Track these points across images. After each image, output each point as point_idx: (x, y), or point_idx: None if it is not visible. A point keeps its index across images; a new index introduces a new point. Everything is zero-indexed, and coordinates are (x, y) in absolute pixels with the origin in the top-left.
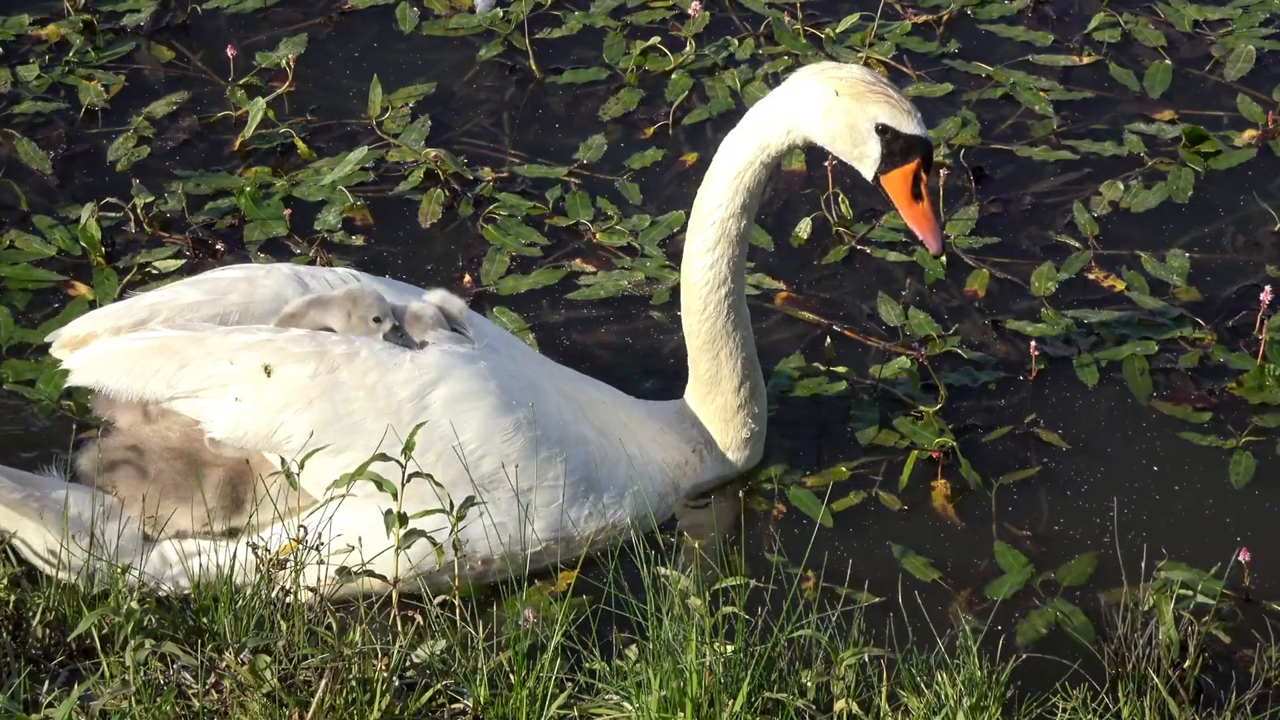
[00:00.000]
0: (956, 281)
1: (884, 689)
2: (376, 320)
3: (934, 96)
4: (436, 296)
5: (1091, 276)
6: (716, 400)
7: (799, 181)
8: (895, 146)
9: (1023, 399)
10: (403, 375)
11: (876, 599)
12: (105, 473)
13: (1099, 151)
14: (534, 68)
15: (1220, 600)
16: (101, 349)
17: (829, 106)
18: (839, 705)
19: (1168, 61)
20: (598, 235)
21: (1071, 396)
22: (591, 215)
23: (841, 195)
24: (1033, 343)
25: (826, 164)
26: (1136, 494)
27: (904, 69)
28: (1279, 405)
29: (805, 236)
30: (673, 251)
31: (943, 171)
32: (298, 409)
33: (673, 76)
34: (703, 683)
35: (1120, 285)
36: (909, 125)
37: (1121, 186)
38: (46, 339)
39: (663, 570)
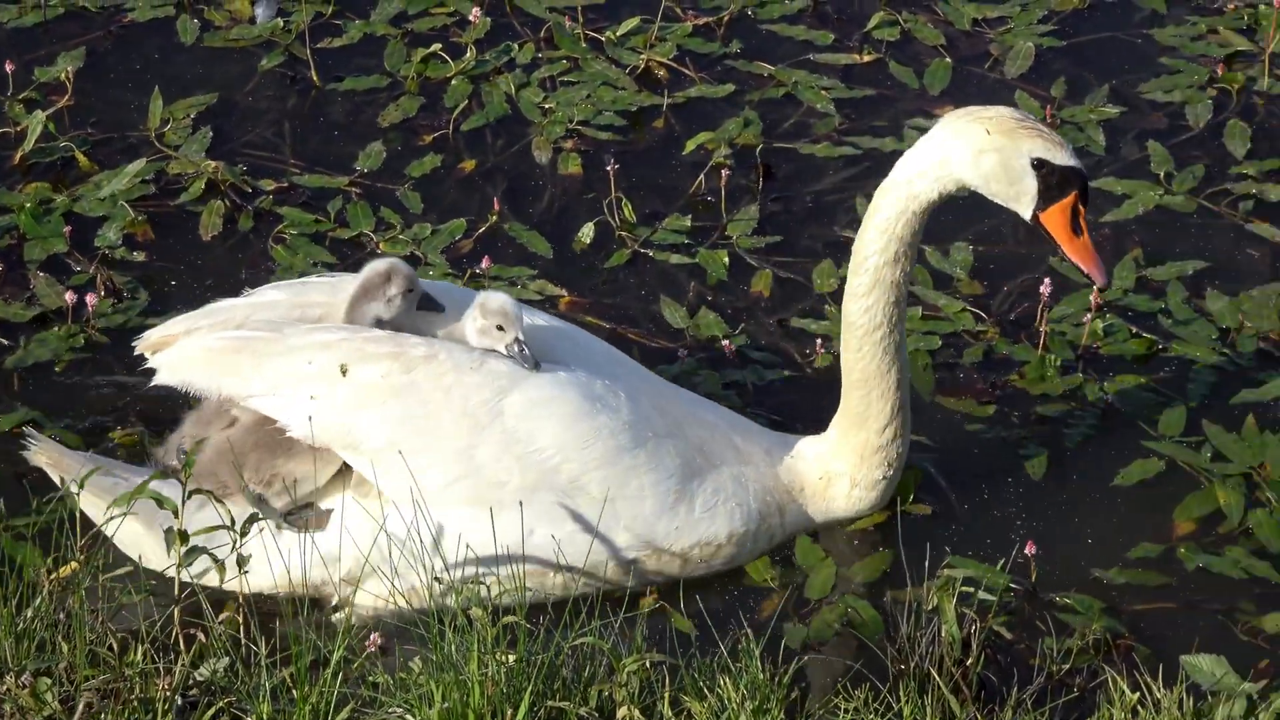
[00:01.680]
0: (741, 282)
1: (667, 694)
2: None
3: (716, 97)
4: (497, 302)
5: None
6: (860, 436)
7: (579, 186)
8: (1052, 180)
9: (810, 397)
10: (478, 379)
11: (660, 604)
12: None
13: (880, 148)
14: (315, 77)
15: (1004, 595)
16: (183, 349)
17: (980, 146)
18: (621, 712)
19: (947, 59)
20: (381, 245)
21: None
22: (373, 225)
23: (624, 199)
24: (818, 340)
25: (608, 168)
26: (925, 489)
27: (686, 70)
28: (1060, 396)
29: (588, 241)
30: (454, 258)
31: (724, 172)
32: (373, 409)
33: (453, 83)
34: (485, 693)
35: None
36: (1063, 157)
37: None
38: (133, 343)
39: (445, 582)
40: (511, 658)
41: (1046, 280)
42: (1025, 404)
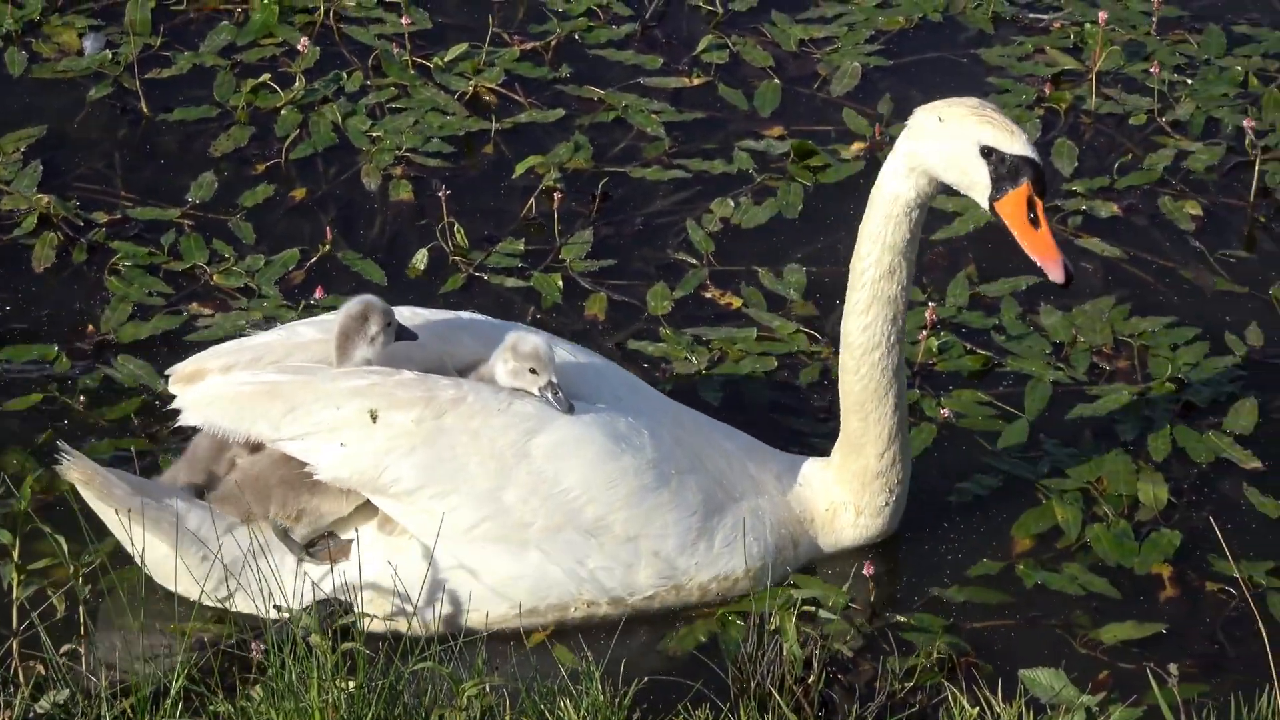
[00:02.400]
0: (575, 306)
1: (507, 718)
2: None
3: (546, 122)
4: (530, 344)
5: (708, 294)
6: (859, 461)
7: (411, 212)
8: (1002, 169)
9: None
10: (504, 420)
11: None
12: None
13: (710, 170)
14: (144, 108)
15: (844, 614)
16: (211, 389)
17: (935, 135)
18: None
19: (776, 81)
20: (215, 277)
21: None
22: (207, 257)
23: (457, 224)
24: (663, 364)
25: (439, 194)
26: None
27: (516, 96)
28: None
29: (422, 267)
30: (287, 289)
31: (556, 196)
32: (402, 453)
33: (283, 112)
34: None
35: (737, 302)
36: (1013, 145)
37: (732, 203)
38: (165, 373)
39: (285, 610)
40: (352, 684)
41: None
42: None
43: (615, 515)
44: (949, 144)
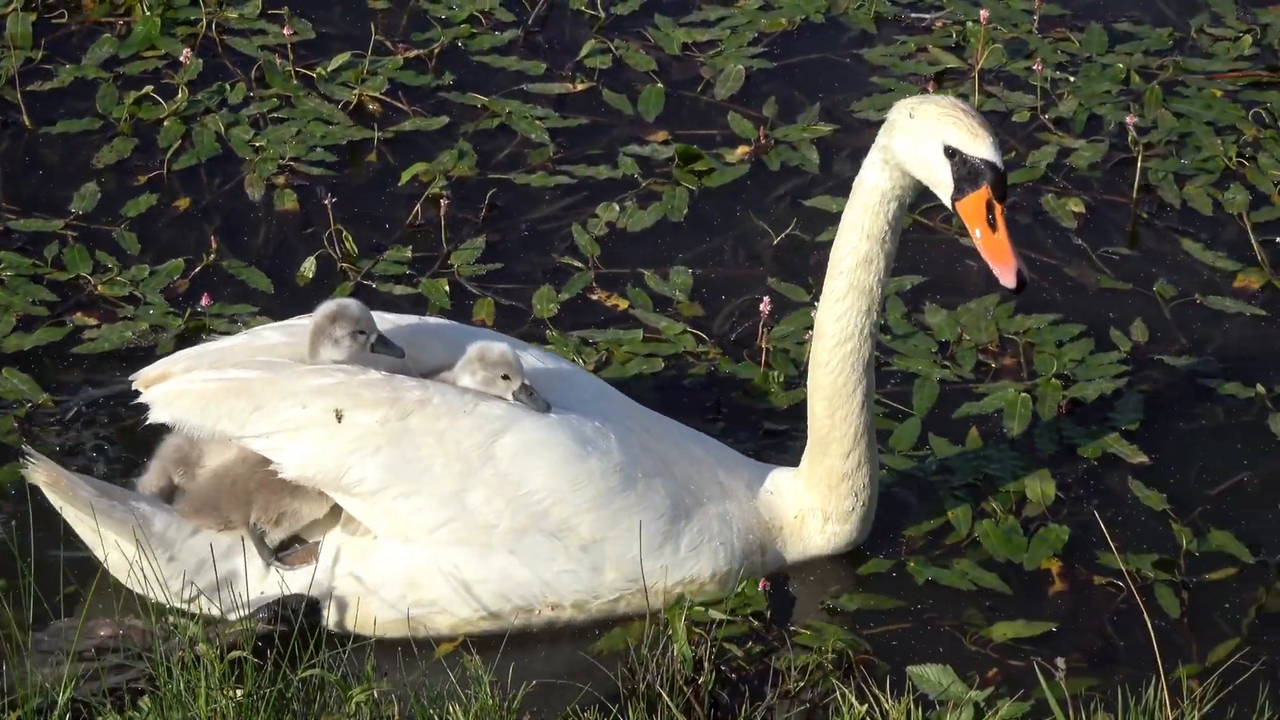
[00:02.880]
0: (463, 310)
1: None
2: (361, 334)
3: (431, 130)
4: (497, 352)
5: (594, 297)
6: (825, 463)
7: (296, 222)
8: (964, 170)
9: None
10: (470, 422)
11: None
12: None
13: (594, 176)
14: (26, 120)
15: (737, 615)
16: (178, 386)
17: (905, 130)
18: None
19: (660, 85)
20: (99, 287)
21: None
22: (91, 268)
23: (345, 232)
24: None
25: (324, 202)
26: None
27: (399, 104)
28: (785, 411)
29: (310, 275)
30: (172, 297)
31: (443, 202)
32: (367, 453)
33: (165, 123)
34: None
35: (624, 304)
36: (977, 149)
37: (617, 208)
38: (130, 378)
39: (172, 619)
40: (239, 692)
41: (766, 299)
42: (751, 421)
43: (581, 518)
44: (917, 141)
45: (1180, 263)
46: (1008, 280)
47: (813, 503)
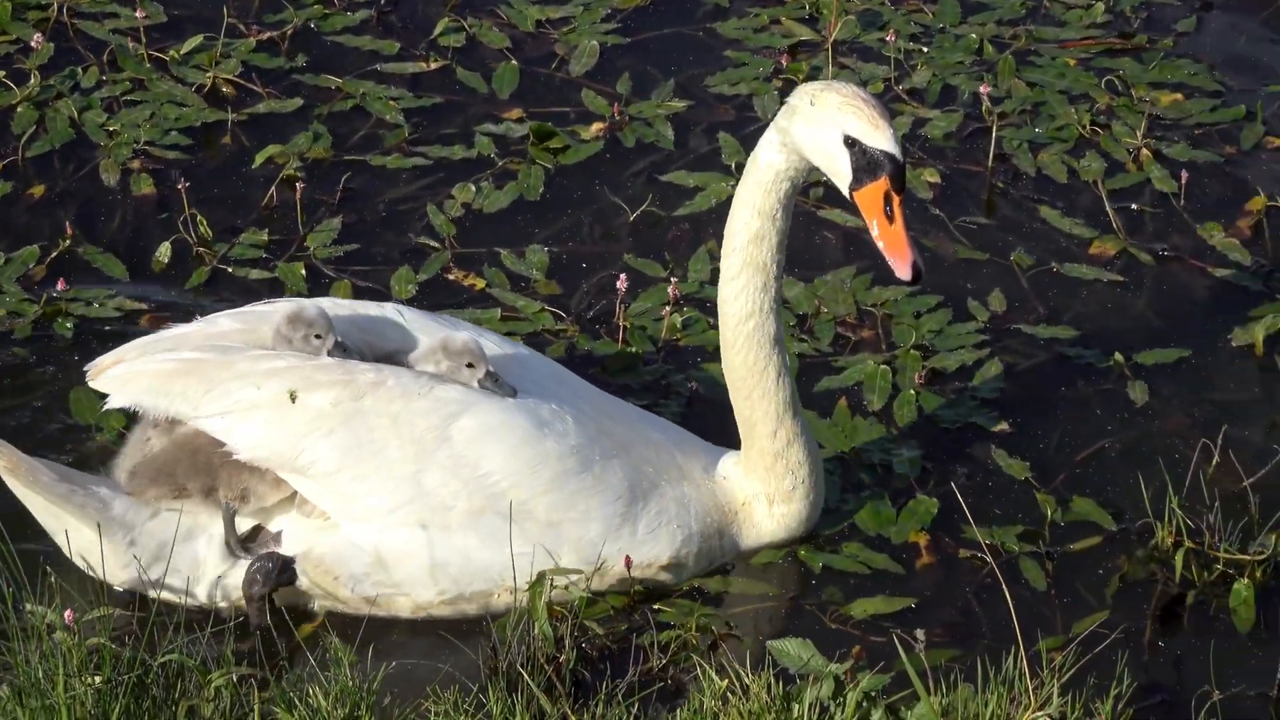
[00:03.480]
0: (320, 292)
1: (258, 707)
2: (318, 337)
3: (285, 112)
4: (459, 341)
5: (451, 277)
6: (756, 445)
7: (153, 206)
8: (863, 161)
9: None
10: (425, 405)
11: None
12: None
13: (450, 155)
14: None
15: (595, 592)
16: (132, 368)
17: (805, 117)
18: None
19: (514, 62)
20: None
21: None
22: None
23: (200, 216)
24: None
25: (179, 186)
26: None
27: (253, 86)
28: (645, 388)
29: (166, 260)
30: (28, 285)
31: (299, 184)
32: (321, 435)
33: (18, 110)
34: (74, 716)
35: (481, 283)
36: (876, 140)
37: (473, 188)
38: (85, 369)
39: (29, 607)
40: (98, 679)
41: (623, 276)
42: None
43: (538, 500)
44: (816, 128)
45: (1037, 231)
46: (903, 273)
47: (755, 487)
